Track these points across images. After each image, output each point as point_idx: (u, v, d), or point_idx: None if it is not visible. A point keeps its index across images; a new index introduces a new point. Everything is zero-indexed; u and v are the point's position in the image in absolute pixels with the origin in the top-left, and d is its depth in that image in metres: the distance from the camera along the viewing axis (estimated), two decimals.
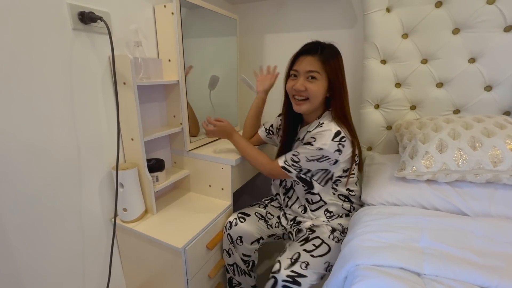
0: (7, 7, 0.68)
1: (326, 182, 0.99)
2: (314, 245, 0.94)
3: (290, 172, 0.97)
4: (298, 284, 0.85)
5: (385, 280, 0.60)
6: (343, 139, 0.90)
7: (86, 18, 0.83)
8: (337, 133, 0.90)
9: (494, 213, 0.82)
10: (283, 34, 1.60)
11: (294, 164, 0.95)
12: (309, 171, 0.95)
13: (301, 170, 0.96)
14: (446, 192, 0.88)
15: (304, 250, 0.92)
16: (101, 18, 0.83)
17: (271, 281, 0.88)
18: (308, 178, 0.97)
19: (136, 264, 1.07)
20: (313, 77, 0.91)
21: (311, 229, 1.01)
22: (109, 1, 0.92)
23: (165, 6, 1.05)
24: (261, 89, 1.21)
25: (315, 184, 0.98)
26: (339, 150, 0.90)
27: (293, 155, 0.95)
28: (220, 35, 1.39)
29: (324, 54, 0.91)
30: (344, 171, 0.99)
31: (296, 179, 0.99)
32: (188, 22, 1.11)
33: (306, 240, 0.97)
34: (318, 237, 0.97)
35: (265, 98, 1.23)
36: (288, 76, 1.00)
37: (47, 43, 0.77)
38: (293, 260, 0.89)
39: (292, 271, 0.86)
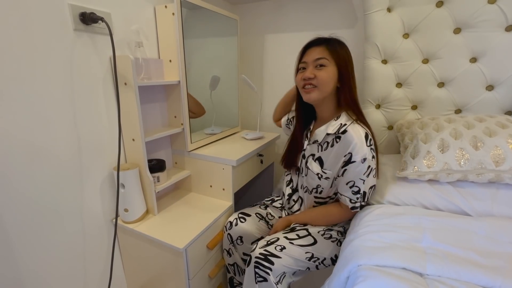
0: (9, 8, 0.68)
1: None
2: (297, 235, 0.94)
3: (359, 208, 0.91)
4: (271, 262, 0.84)
5: (387, 280, 0.59)
6: (371, 142, 0.86)
7: (87, 18, 0.83)
8: (366, 136, 0.85)
9: (497, 213, 0.81)
10: (283, 34, 1.60)
11: (358, 196, 0.89)
12: (370, 188, 0.90)
13: (365, 196, 0.89)
14: (448, 192, 0.87)
15: (285, 237, 0.92)
16: (102, 19, 0.83)
17: (248, 261, 0.89)
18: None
19: (137, 264, 1.07)
20: (321, 65, 0.88)
21: (305, 223, 1.01)
22: (110, 1, 0.92)
23: (166, 6, 1.05)
24: None
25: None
26: (373, 157, 0.87)
27: (350, 187, 0.88)
28: (220, 35, 1.39)
29: (331, 43, 0.91)
30: None
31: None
32: (189, 22, 1.11)
33: (292, 230, 0.97)
34: (306, 229, 0.97)
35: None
36: (297, 70, 0.98)
37: (49, 44, 0.77)
38: (269, 242, 0.90)
39: (266, 250, 0.87)
